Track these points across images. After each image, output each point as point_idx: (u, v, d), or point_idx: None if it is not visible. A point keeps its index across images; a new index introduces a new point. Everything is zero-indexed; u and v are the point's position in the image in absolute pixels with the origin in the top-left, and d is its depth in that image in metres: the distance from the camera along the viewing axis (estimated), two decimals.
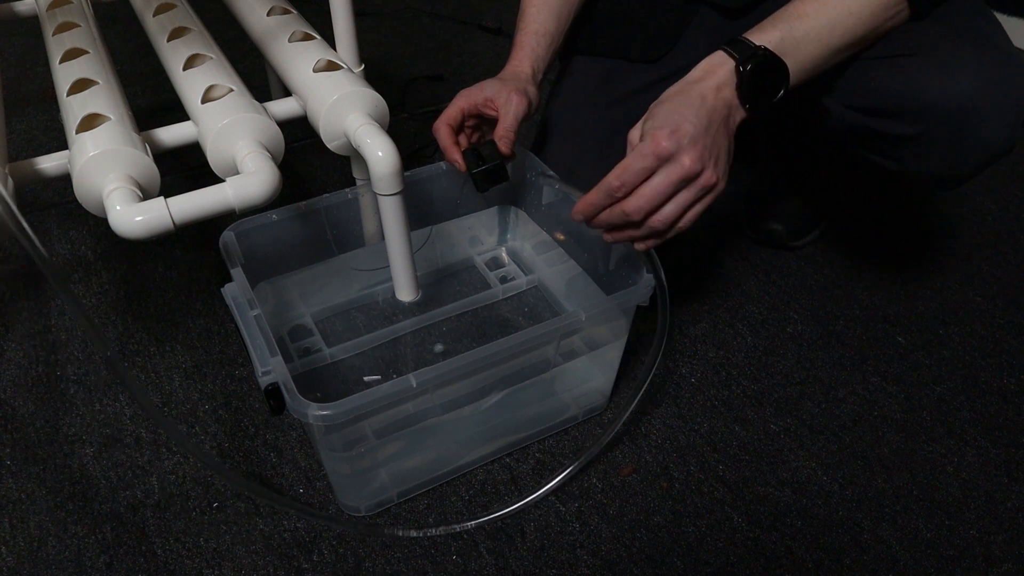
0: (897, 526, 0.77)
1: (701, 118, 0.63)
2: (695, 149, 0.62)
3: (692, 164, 0.62)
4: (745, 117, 0.67)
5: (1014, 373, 0.93)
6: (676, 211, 0.64)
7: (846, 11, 0.67)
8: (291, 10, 0.87)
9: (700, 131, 0.62)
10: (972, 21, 0.73)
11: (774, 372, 0.92)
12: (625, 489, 0.79)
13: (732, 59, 0.65)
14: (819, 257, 1.09)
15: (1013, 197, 1.22)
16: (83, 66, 0.76)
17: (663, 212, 0.64)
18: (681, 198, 0.64)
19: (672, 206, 0.64)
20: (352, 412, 0.62)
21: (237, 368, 0.91)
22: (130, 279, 1.03)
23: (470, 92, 0.79)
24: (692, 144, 0.62)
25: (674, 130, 0.61)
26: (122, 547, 0.73)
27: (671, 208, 0.64)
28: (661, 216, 0.64)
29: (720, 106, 0.65)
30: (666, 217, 0.64)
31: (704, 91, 0.65)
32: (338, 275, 0.93)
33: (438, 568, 0.72)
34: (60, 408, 0.86)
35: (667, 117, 0.63)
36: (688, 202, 0.64)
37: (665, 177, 0.62)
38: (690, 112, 0.63)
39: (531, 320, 0.96)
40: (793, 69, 0.66)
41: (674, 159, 0.62)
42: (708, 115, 0.63)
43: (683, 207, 0.64)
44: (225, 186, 0.65)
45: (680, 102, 0.64)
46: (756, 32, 0.67)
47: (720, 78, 0.65)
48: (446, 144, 0.79)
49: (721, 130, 0.64)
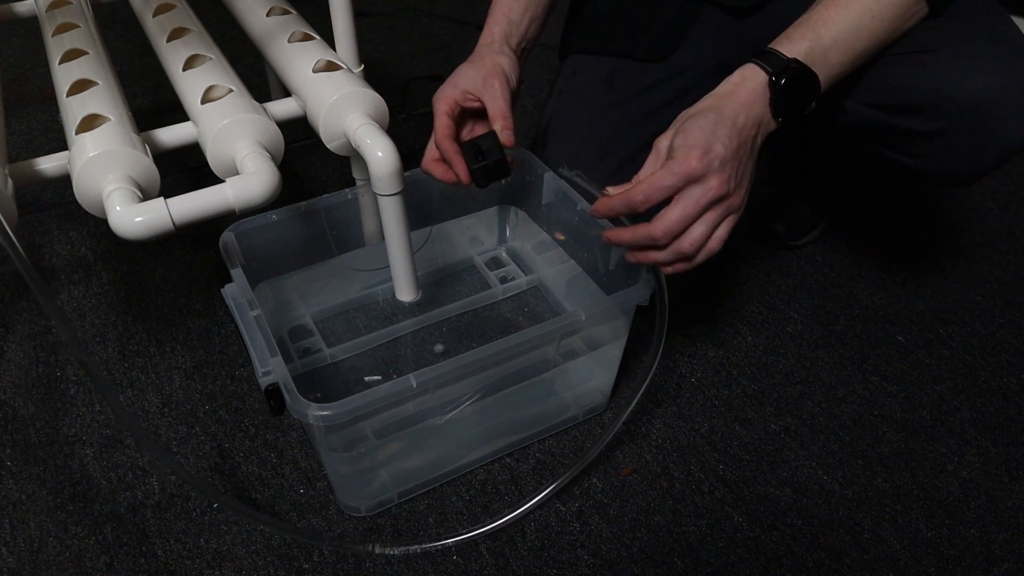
0: (897, 525, 0.77)
1: (733, 139, 0.62)
2: (724, 172, 0.61)
3: (720, 187, 0.61)
4: (775, 129, 0.67)
5: (1014, 373, 0.93)
6: (706, 232, 0.63)
7: (868, 14, 0.66)
8: (291, 10, 0.87)
9: (730, 153, 0.62)
10: (989, 18, 0.73)
11: (774, 372, 0.92)
12: (625, 489, 0.79)
13: (765, 72, 0.65)
14: (819, 257, 1.09)
15: (1013, 197, 1.22)
16: (83, 67, 0.76)
17: (691, 234, 0.63)
18: (710, 219, 0.63)
19: (701, 226, 0.63)
20: (352, 412, 0.62)
21: (237, 368, 0.91)
22: (130, 280, 1.03)
23: (445, 94, 0.76)
24: (722, 167, 0.61)
25: (706, 151, 0.61)
26: (122, 548, 0.73)
27: (700, 229, 0.63)
28: (690, 238, 0.63)
29: (750, 125, 0.64)
30: (695, 239, 0.63)
31: (736, 109, 0.64)
32: (338, 275, 0.93)
33: (439, 568, 0.72)
34: (60, 409, 0.86)
35: (700, 136, 0.62)
36: (715, 222, 0.63)
37: (692, 199, 0.62)
38: (723, 132, 0.62)
39: (531, 320, 0.96)
40: (823, 78, 0.66)
41: (703, 180, 0.61)
42: (739, 136, 0.63)
43: (711, 227, 0.63)
44: (225, 186, 0.65)
45: (714, 119, 0.63)
46: (784, 42, 0.66)
47: (752, 92, 0.65)
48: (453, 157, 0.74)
49: (748, 151, 0.64)
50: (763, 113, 0.65)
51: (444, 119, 0.75)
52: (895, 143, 0.78)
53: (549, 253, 0.97)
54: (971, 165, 0.74)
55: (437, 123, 0.75)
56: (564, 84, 0.92)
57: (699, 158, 0.61)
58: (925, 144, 0.74)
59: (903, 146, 0.77)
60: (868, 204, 1.20)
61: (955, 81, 0.69)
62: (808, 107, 0.66)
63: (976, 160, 0.73)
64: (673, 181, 0.61)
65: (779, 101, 0.65)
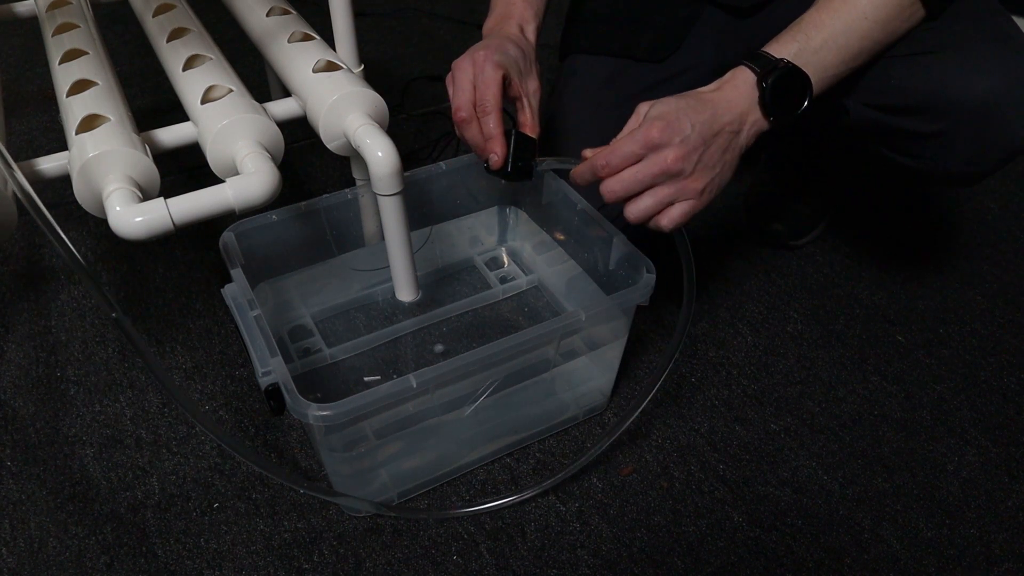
0: (897, 525, 0.77)
1: (706, 125, 0.63)
2: (683, 148, 0.62)
3: (675, 162, 0.61)
4: (767, 128, 0.67)
5: (1014, 372, 0.93)
6: (653, 205, 0.64)
7: (861, 15, 0.67)
8: (291, 10, 0.87)
9: (697, 136, 0.62)
10: (991, 20, 0.73)
11: (774, 371, 0.92)
12: (625, 489, 0.79)
13: (753, 72, 0.65)
14: (819, 257, 1.09)
15: (1013, 196, 1.22)
16: (83, 67, 0.76)
17: (639, 202, 0.64)
18: (660, 193, 0.63)
19: (649, 199, 0.63)
20: (352, 412, 0.62)
21: (237, 369, 0.91)
22: (130, 280, 1.03)
23: (492, 54, 0.68)
24: (682, 143, 0.62)
25: (670, 123, 0.61)
26: (122, 548, 0.73)
27: (648, 201, 0.63)
28: (637, 206, 0.64)
29: (732, 120, 0.65)
30: (641, 208, 0.64)
31: (719, 102, 0.65)
32: (338, 275, 0.93)
33: (439, 568, 0.72)
34: (60, 409, 0.86)
35: (671, 111, 0.63)
36: (666, 198, 0.63)
37: (644, 166, 0.62)
38: (697, 115, 0.63)
39: (531, 320, 0.96)
40: (815, 78, 0.67)
41: (659, 150, 0.62)
42: (714, 124, 0.63)
43: (661, 203, 0.64)
44: (225, 187, 0.65)
45: (694, 103, 0.64)
46: (774, 45, 0.67)
47: (739, 92, 0.65)
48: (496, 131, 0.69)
49: (723, 143, 0.64)
50: (749, 111, 0.65)
51: (495, 72, 0.69)
52: (897, 144, 0.78)
53: (549, 253, 0.97)
54: (973, 166, 0.74)
55: (485, 76, 0.69)
56: (564, 84, 0.92)
57: (661, 129, 0.61)
58: (927, 145, 0.74)
59: (905, 147, 0.78)
60: (868, 204, 1.20)
61: (957, 82, 0.69)
62: (800, 107, 0.67)
63: (978, 161, 0.73)
64: (633, 147, 0.62)
65: (768, 100, 0.65)
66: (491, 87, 0.68)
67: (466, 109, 0.69)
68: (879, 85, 0.74)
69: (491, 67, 0.69)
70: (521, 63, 0.72)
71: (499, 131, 0.70)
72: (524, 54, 0.73)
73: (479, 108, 0.69)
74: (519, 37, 0.76)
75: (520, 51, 0.73)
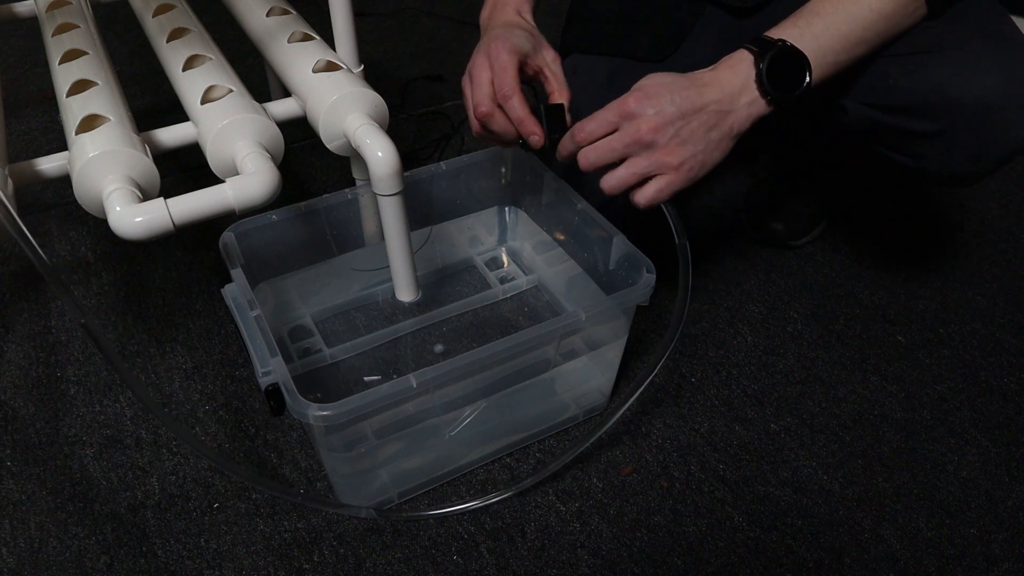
0: (898, 525, 0.77)
1: (689, 100, 0.63)
2: (657, 120, 0.62)
3: (647, 132, 0.62)
4: (766, 112, 0.66)
5: (1014, 372, 0.93)
6: (626, 176, 0.64)
7: (865, 5, 0.67)
8: (290, 10, 0.87)
9: (675, 109, 0.62)
10: (990, 20, 0.73)
11: (774, 371, 0.92)
12: (625, 489, 0.79)
13: (751, 52, 0.66)
14: (819, 257, 1.09)
15: (1013, 197, 1.22)
16: (82, 67, 0.76)
17: (615, 173, 0.64)
18: (634, 164, 0.63)
19: (623, 170, 0.64)
20: (352, 412, 0.62)
21: (237, 369, 0.91)
22: (130, 280, 1.03)
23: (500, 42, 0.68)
24: (657, 115, 0.62)
25: (648, 95, 0.62)
26: (123, 548, 0.73)
27: (622, 172, 0.64)
28: (612, 177, 0.64)
29: (719, 98, 0.64)
30: (616, 179, 0.64)
31: (710, 80, 0.65)
32: (338, 275, 0.93)
33: (439, 568, 0.72)
34: (60, 409, 0.86)
35: (653, 84, 0.63)
36: (641, 170, 0.64)
37: (617, 136, 0.62)
38: (680, 91, 0.63)
39: (531, 320, 0.96)
40: (814, 62, 0.66)
41: (632, 120, 0.62)
42: (699, 100, 0.63)
43: (635, 174, 0.64)
44: (225, 187, 0.65)
45: (682, 80, 0.64)
46: (775, 30, 0.67)
47: (735, 71, 0.65)
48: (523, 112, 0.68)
49: (707, 120, 0.64)
50: (743, 90, 0.65)
51: (510, 57, 0.68)
52: (896, 144, 0.78)
53: (549, 253, 0.97)
54: (973, 166, 0.74)
55: (500, 63, 0.68)
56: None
57: (638, 99, 0.62)
58: (926, 145, 0.74)
59: (904, 147, 0.78)
60: (868, 204, 1.20)
61: (956, 82, 0.69)
62: (799, 88, 0.66)
63: (978, 161, 0.73)
64: (608, 116, 0.62)
65: (766, 79, 0.65)
66: (508, 72, 0.68)
67: (486, 103, 0.69)
68: (878, 84, 0.74)
69: (506, 54, 0.69)
70: (531, 40, 0.73)
71: (526, 111, 0.69)
72: (530, 33, 0.74)
73: (499, 95, 0.69)
74: (519, 20, 0.77)
75: (525, 31, 0.74)
